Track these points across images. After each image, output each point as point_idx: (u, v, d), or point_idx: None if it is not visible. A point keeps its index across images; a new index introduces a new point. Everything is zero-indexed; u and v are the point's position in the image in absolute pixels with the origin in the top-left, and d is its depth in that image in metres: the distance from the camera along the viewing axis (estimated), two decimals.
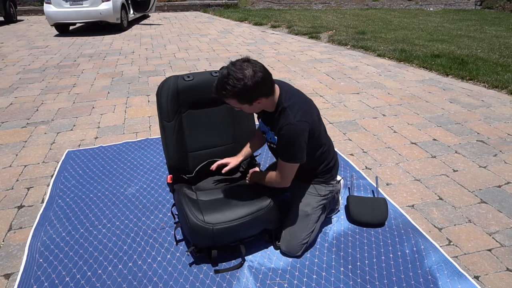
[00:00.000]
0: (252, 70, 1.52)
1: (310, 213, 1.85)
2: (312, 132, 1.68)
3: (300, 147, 1.64)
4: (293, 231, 1.83)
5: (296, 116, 1.61)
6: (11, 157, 2.89)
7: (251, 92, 1.54)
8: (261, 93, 1.58)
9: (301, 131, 1.61)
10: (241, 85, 1.50)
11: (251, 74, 1.51)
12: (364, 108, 3.84)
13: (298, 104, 1.65)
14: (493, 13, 11.95)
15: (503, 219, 2.14)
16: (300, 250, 1.82)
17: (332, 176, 1.93)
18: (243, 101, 1.58)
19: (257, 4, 14.94)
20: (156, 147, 2.98)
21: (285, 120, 1.62)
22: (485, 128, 3.34)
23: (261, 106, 1.66)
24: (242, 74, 1.50)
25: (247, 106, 1.62)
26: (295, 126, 1.60)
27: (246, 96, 1.56)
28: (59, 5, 8.26)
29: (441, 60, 5.60)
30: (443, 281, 1.69)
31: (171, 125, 1.98)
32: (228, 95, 1.55)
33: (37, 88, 4.62)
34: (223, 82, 1.53)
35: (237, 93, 1.53)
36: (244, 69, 1.52)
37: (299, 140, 1.62)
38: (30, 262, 1.82)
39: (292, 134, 1.60)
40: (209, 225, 1.68)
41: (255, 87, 1.53)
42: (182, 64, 5.71)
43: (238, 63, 1.54)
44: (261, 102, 1.61)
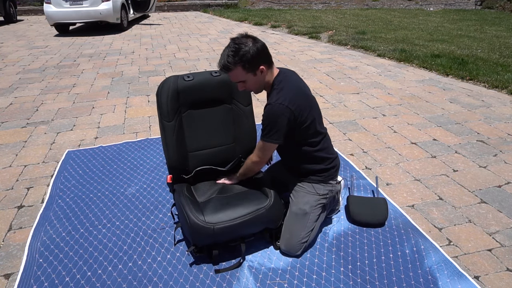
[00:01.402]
0: (252, 39, 1.67)
1: (308, 211, 1.85)
2: (297, 120, 1.72)
3: (276, 128, 1.69)
4: (292, 230, 1.84)
5: (279, 99, 1.68)
6: (11, 157, 2.89)
7: (253, 58, 1.64)
8: (263, 59, 1.69)
9: (279, 113, 1.67)
10: (243, 50, 1.62)
11: (252, 41, 1.66)
12: (364, 108, 3.84)
13: (287, 90, 1.72)
14: (493, 13, 11.95)
15: (503, 219, 2.14)
16: (299, 250, 1.82)
17: (331, 176, 1.93)
18: (247, 68, 1.66)
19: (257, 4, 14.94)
20: (156, 147, 2.98)
21: (269, 99, 1.73)
22: (485, 128, 3.34)
23: (262, 79, 1.73)
24: (244, 42, 1.64)
25: (251, 77, 1.69)
26: (274, 107, 1.67)
27: (249, 62, 1.64)
28: (59, 5, 8.26)
29: (441, 60, 5.60)
30: (443, 281, 1.69)
31: (171, 125, 1.98)
32: (233, 63, 1.64)
33: (37, 88, 4.62)
34: (227, 52, 1.64)
35: (241, 57, 1.63)
36: (244, 38, 1.67)
37: (276, 121, 1.68)
38: (30, 262, 1.82)
39: (270, 113, 1.69)
40: (210, 224, 1.68)
41: (256, 52, 1.64)
42: (182, 64, 5.71)
43: (238, 37, 1.68)
44: (263, 70, 1.70)
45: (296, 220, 1.85)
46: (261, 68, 1.68)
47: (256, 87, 1.76)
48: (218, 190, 2.00)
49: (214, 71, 2.10)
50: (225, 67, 1.67)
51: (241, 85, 1.73)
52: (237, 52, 1.62)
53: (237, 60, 1.63)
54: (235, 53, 1.62)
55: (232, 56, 1.63)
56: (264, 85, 1.77)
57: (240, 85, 1.73)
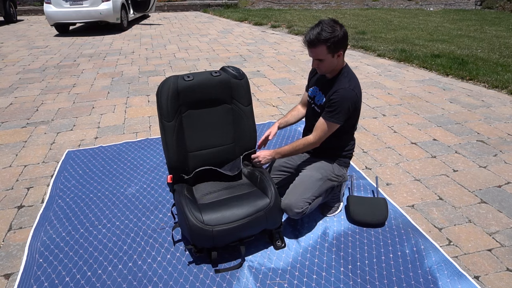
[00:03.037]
0: (339, 25, 1.78)
1: (322, 177, 1.95)
2: (356, 108, 1.89)
3: (344, 111, 1.84)
4: (300, 187, 1.90)
5: (351, 85, 1.84)
6: (11, 157, 2.89)
7: (339, 41, 1.76)
8: (344, 45, 1.81)
9: (351, 97, 1.83)
10: (334, 34, 1.74)
11: (339, 27, 1.77)
12: (364, 108, 3.84)
13: (355, 80, 1.90)
14: (493, 13, 11.95)
15: (503, 219, 2.14)
16: (300, 208, 1.83)
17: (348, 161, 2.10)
18: (331, 49, 1.77)
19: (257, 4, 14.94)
20: (156, 147, 2.98)
21: (342, 84, 1.85)
22: (485, 128, 3.34)
23: (335, 63, 1.85)
24: (334, 26, 1.76)
25: (330, 58, 1.80)
26: (348, 91, 1.82)
27: (335, 44, 1.76)
28: (59, 5, 8.26)
29: (441, 60, 5.60)
30: (443, 281, 1.69)
31: (171, 125, 1.98)
32: (322, 41, 1.74)
33: (37, 88, 4.62)
34: (320, 30, 1.74)
35: (330, 39, 1.74)
36: (334, 23, 1.77)
37: (346, 104, 1.83)
38: (30, 262, 1.82)
39: (343, 96, 1.82)
40: (208, 226, 1.68)
41: (343, 37, 1.77)
42: (182, 64, 5.71)
43: (328, 20, 1.78)
44: (340, 55, 1.83)
45: (307, 180, 1.93)
46: (339, 52, 1.81)
47: (328, 68, 1.87)
48: (219, 191, 2.00)
49: (214, 71, 2.10)
50: (312, 42, 1.76)
51: (316, 63, 1.85)
52: (326, 31, 1.73)
53: (325, 39, 1.74)
54: (327, 33, 1.73)
55: (323, 34, 1.73)
56: (334, 68, 1.88)
57: (315, 62, 1.85)
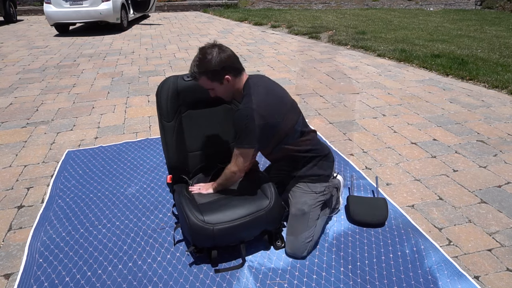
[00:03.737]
0: (219, 48, 1.68)
1: (307, 211, 1.85)
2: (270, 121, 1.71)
3: (246, 133, 1.69)
4: (294, 232, 1.83)
5: (245, 104, 1.69)
6: (11, 157, 2.89)
7: (217, 67, 1.66)
8: (228, 69, 1.69)
9: (247, 117, 1.66)
10: (207, 60, 1.65)
11: (217, 51, 1.67)
12: (364, 108, 3.84)
13: (255, 94, 1.71)
14: (493, 13, 11.95)
15: (503, 219, 2.14)
16: (305, 250, 1.82)
17: (324, 173, 1.91)
18: (213, 78, 1.69)
19: (257, 4, 14.94)
20: (156, 147, 2.98)
21: (238, 107, 1.73)
22: (485, 128, 3.34)
23: (231, 88, 1.74)
24: (209, 51, 1.66)
25: (218, 85, 1.72)
26: (242, 111, 1.68)
27: (215, 72, 1.67)
28: (59, 5, 8.26)
29: (441, 60, 5.60)
30: (443, 281, 1.69)
31: (171, 125, 1.98)
32: (198, 73, 1.69)
33: (37, 88, 4.62)
34: (195, 62, 1.69)
35: (207, 68, 1.66)
36: (210, 48, 1.68)
37: (245, 125, 1.67)
38: (30, 262, 1.82)
39: (238, 118, 1.69)
40: (209, 225, 1.68)
41: (220, 63, 1.66)
42: (182, 64, 5.71)
43: (205, 46, 1.70)
44: (230, 80, 1.70)
45: (296, 222, 1.85)
46: (226, 77, 1.69)
47: (225, 95, 1.78)
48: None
49: None
50: (193, 76, 1.73)
51: (212, 92, 1.77)
52: (201, 62, 1.66)
53: (201, 71, 1.68)
54: (199, 63, 1.67)
55: (196, 66, 1.68)
56: (234, 92, 1.78)
57: (211, 92, 1.76)
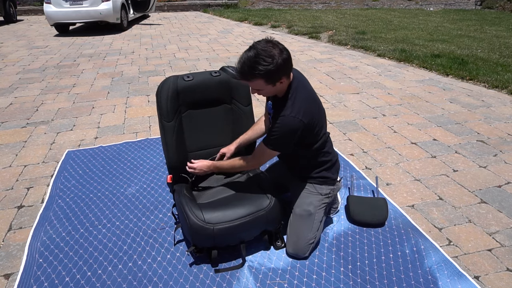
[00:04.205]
0: (279, 49, 1.53)
1: (313, 212, 1.84)
2: (308, 130, 1.69)
3: (283, 140, 1.66)
4: (298, 232, 1.82)
5: (293, 112, 1.62)
6: (11, 157, 2.89)
7: (278, 71, 1.54)
8: (285, 72, 1.59)
9: (293, 127, 1.62)
10: (272, 64, 1.50)
11: (279, 52, 1.52)
12: (364, 108, 3.84)
13: (300, 100, 1.66)
14: (493, 13, 11.95)
15: (503, 219, 2.14)
16: (307, 251, 1.81)
17: (332, 177, 1.92)
18: (269, 81, 1.56)
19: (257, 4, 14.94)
20: (156, 147, 2.98)
21: (284, 110, 1.64)
22: (485, 128, 3.34)
23: (279, 88, 1.64)
24: (272, 54, 1.50)
25: (270, 87, 1.60)
26: (289, 120, 1.62)
27: (274, 76, 1.54)
28: (59, 5, 8.26)
29: (441, 60, 5.60)
30: (443, 281, 1.69)
31: (171, 125, 1.98)
32: (258, 76, 1.53)
33: (37, 88, 4.62)
34: (253, 63, 1.51)
35: (268, 72, 1.52)
36: (271, 48, 1.52)
37: (287, 133, 1.64)
38: (30, 262, 1.82)
39: (283, 125, 1.63)
40: (209, 225, 1.68)
41: (283, 65, 1.53)
42: (182, 64, 5.71)
43: (262, 43, 1.54)
44: (283, 82, 1.61)
45: (301, 222, 1.84)
46: (281, 80, 1.59)
47: (271, 94, 1.70)
48: (219, 190, 2.00)
49: (214, 71, 2.10)
50: (244, 76, 1.56)
51: (255, 91, 1.65)
52: (264, 66, 1.50)
53: (260, 74, 1.52)
54: (263, 66, 1.50)
55: (258, 68, 1.50)
56: (278, 92, 1.69)
57: (254, 91, 1.65)
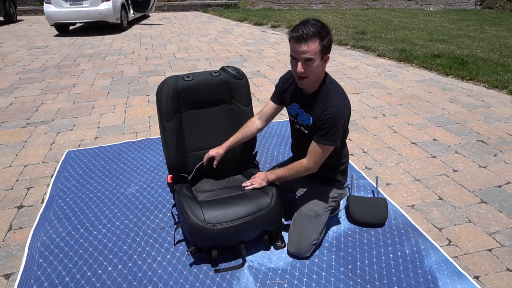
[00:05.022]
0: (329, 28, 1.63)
1: (320, 213, 1.85)
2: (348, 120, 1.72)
3: (339, 130, 1.66)
4: (303, 232, 1.82)
5: (339, 99, 1.65)
6: (11, 157, 2.89)
7: (330, 43, 1.61)
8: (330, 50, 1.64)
9: (343, 113, 1.65)
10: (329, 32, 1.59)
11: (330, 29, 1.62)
12: (364, 108, 3.84)
13: (342, 91, 1.71)
14: (493, 13, 11.95)
15: (503, 219, 2.14)
16: (309, 251, 1.82)
17: (342, 181, 1.94)
18: (324, 48, 1.59)
19: (257, 4, 14.94)
20: (156, 147, 2.98)
21: (329, 101, 1.65)
22: (485, 128, 3.34)
23: (322, 69, 1.66)
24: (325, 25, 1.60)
25: (319, 60, 1.60)
26: (338, 107, 1.63)
27: (327, 46, 1.60)
28: (59, 5, 8.26)
29: (441, 60, 5.60)
30: (443, 281, 1.69)
31: (171, 125, 1.98)
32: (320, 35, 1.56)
33: (37, 88, 4.62)
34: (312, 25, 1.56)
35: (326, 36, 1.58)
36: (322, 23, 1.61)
37: (340, 122, 1.65)
38: (30, 262, 1.82)
39: (334, 115, 1.63)
40: (209, 225, 1.68)
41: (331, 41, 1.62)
42: (182, 64, 5.71)
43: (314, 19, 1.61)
44: (326, 60, 1.64)
45: (307, 222, 1.83)
46: (327, 56, 1.63)
47: (315, 74, 1.64)
48: (219, 190, 2.00)
49: (214, 71, 2.10)
50: (307, 36, 1.54)
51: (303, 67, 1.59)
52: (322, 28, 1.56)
53: (323, 34, 1.56)
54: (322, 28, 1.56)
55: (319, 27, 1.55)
56: (317, 79, 1.69)
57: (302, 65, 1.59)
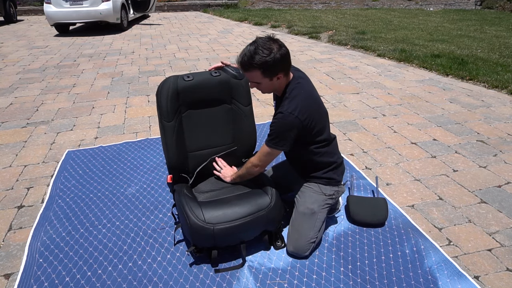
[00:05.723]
0: (278, 44, 1.63)
1: (316, 211, 1.85)
2: (306, 129, 1.72)
3: (284, 137, 1.70)
4: (300, 230, 1.82)
5: (289, 108, 1.67)
6: (11, 157, 2.89)
7: (276, 65, 1.62)
8: (283, 68, 1.67)
9: (290, 123, 1.67)
10: (270, 57, 1.59)
11: (277, 47, 1.62)
12: (364, 108, 3.84)
13: (299, 99, 1.70)
14: (493, 13, 11.95)
15: (503, 219, 2.14)
16: (308, 250, 1.81)
17: (337, 178, 1.93)
18: (266, 74, 1.64)
19: (257, 4, 14.94)
20: (156, 147, 2.98)
21: (281, 108, 1.70)
22: (485, 128, 3.34)
23: (277, 85, 1.72)
24: (270, 47, 1.61)
25: (267, 81, 1.68)
26: (286, 117, 1.67)
27: (271, 69, 1.63)
28: (59, 5, 8.26)
29: (441, 60, 5.60)
30: (443, 281, 1.69)
31: (171, 125, 1.98)
32: (255, 66, 1.62)
33: (37, 88, 4.62)
34: (252, 53, 1.61)
35: (265, 63, 1.60)
36: (271, 42, 1.63)
37: (285, 130, 1.69)
38: (30, 262, 1.82)
39: (281, 123, 1.68)
40: (209, 225, 1.68)
41: (280, 60, 1.62)
42: (182, 64, 5.71)
43: (264, 38, 1.65)
44: (280, 78, 1.69)
45: (304, 220, 1.84)
46: (278, 76, 1.67)
47: (268, 90, 1.75)
48: (219, 190, 2.00)
49: (214, 71, 2.10)
50: (243, 66, 1.65)
51: (254, 85, 1.73)
52: (261, 57, 1.59)
53: (257, 65, 1.61)
54: (260, 57, 1.59)
55: (252, 58, 1.60)
56: (276, 89, 1.76)
57: (253, 85, 1.73)
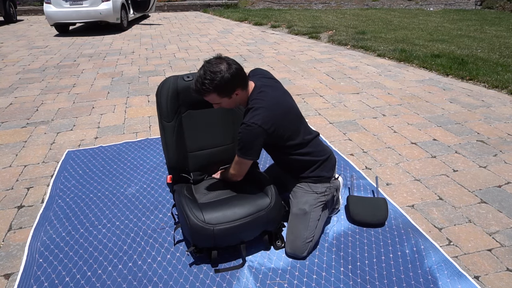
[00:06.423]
0: (227, 63, 1.64)
1: (308, 211, 1.85)
2: (274, 136, 1.73)
3: (250, 147, 1.72)
4: (295, 231, 1.83)
5: (252, 118, 1.67)
6: (11, 157, 2.89)
7: (229, 84, 1.64)
8: (239, 84, 1.68)
9: (253, 134, 1.68)
10: (219, 77, 1.61)
11: (226, 67, 1.62)
12: (364, 108, 3.84)
13: (262, 109, 1.70)
14: (493, 13, 11.95)
15: (503, 219, 2.14)
16: (305, 251, 1.82)
17: (326, 175, 1.92)
18: (223, 94, 1.66)
19: (257, 4, 14.94)
20: (156, 147, 2.98)
21: (244, 119, 1.71)
22: (485, 128, 3.34)
23: (239, 99, 1.74)
24: (218, 68, 1.62)
25: (226, 100, 1.70)
26: (248, 128, 1.67)
27: (225, 89, 1.64)
28: (59, 5, 8.26)
29: (441, 60, 5.60)
30: (443, 281, 1.69)
31: (170, 125, 1.98)
32: (208, 90, 1.64)
33: (37, 88, 4.62)
34: (201, 79, 1.63)
35: (217, 86, 1.62)
36: (219, 63, 1.63)
37: (250, 141, 1.70)
38: (30, 262, 1.82)
39: (244, 133, 1.69)
40: (209, 225, 1.68)
41: (232, 78, 1.63)
42: (182, 64, 5.71)
43: (212, 60, 1.66)
44: (238, 93, 1.71)
45: (297, 221, 1.85)
46: (236, 92, 1.69)
47: (232, 106, 1.78)
48: (219, 191, 2.00)
49: None
50: (198, 93, 1.67)
51: (216, 105, 1.75)
52: (211, 80, 1.61)
53: (211, 89, 1.63)
54: (210, 81, 1.61)
55: (204, 84, 1.62)
56: (240, 102, 1.78)
57: (215, 105, 1.75)
